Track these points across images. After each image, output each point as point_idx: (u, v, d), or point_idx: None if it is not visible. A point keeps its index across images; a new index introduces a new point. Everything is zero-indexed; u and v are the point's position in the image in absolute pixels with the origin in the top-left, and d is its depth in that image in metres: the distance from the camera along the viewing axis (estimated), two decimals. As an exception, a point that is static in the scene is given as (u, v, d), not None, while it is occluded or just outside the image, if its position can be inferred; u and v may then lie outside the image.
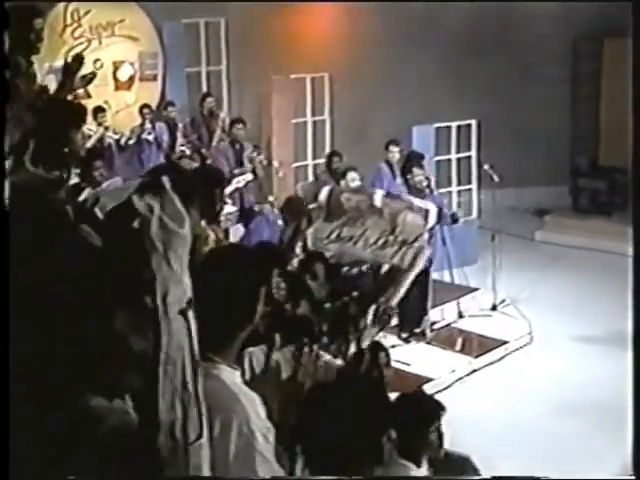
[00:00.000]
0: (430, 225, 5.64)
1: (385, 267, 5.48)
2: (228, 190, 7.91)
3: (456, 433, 4.30)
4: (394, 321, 8.83)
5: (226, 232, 7.85)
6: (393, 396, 3.94)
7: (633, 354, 3.20)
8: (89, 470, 1.83)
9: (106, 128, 10.20)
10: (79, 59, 5.27)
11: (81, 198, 2.54)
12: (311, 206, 6.66)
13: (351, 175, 8.52)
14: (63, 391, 1.86)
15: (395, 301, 4.95)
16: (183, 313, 1.85)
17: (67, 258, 1.81)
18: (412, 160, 9.29)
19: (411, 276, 5.11)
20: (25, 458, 1.86)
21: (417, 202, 5.76)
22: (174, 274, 1.81)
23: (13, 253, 1.83)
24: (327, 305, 4.77)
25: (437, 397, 5.04)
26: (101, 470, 1.83)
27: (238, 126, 10.16)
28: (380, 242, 5.12)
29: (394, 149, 9.85)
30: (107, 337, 1.79)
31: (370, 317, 4.55)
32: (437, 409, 4.03)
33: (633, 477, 2.78)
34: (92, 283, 1.78)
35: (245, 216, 9.47)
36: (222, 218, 7.19)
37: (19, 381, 1.84)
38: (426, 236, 5.23)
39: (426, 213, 5.64)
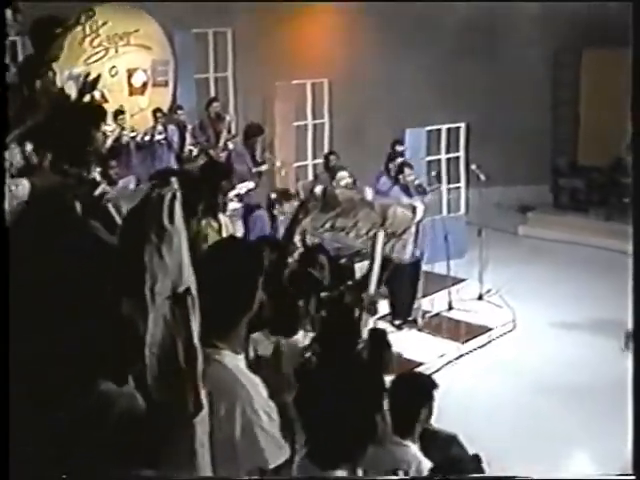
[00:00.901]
0: (417, 219, 5.62)
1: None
2: (232, 194, 7.87)
3: (444, 411, 4.31)
4: (387, 309, 8.88)
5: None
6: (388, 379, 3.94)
7: (633, 353, 3.13)
8: (97, 464, 1.81)
9: (123, 129, 10.22)
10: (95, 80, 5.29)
11: (96, 192, 2.54)
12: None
13: (341, 174, 8.42)
14: (77, 378, 1.85)
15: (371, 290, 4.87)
16: (173, 301, 1.85)
17: (78, 251, 1.81)
18: (403, 161, 9.26)
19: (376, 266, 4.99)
20: (27, 457, 1.84)
21: (405, 200, 5.77)
22: (164, 265, 1.80)
23: (27, 249, 1.82)
24: (325, 294, 4.75)
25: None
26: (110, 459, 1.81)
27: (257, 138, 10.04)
28: (371, 233, 5.08)
29: (400, 148, 9.81)
30: (112, 322, 1.78)
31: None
32: (432, 385, 4.08)
33: (633, 477, 2.68)
34: (100, 273, 1.78)
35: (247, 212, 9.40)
36: (228, 214, 7.16)
37: (34, 375, 1.83)
38: (413, 229, 5.19)
39: (413, 208, 5.64)
